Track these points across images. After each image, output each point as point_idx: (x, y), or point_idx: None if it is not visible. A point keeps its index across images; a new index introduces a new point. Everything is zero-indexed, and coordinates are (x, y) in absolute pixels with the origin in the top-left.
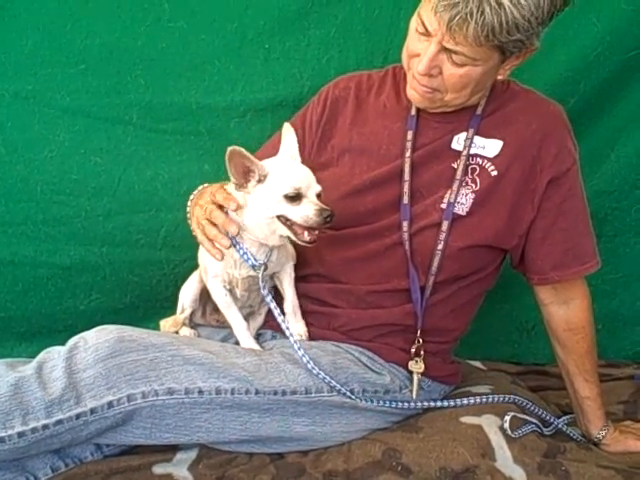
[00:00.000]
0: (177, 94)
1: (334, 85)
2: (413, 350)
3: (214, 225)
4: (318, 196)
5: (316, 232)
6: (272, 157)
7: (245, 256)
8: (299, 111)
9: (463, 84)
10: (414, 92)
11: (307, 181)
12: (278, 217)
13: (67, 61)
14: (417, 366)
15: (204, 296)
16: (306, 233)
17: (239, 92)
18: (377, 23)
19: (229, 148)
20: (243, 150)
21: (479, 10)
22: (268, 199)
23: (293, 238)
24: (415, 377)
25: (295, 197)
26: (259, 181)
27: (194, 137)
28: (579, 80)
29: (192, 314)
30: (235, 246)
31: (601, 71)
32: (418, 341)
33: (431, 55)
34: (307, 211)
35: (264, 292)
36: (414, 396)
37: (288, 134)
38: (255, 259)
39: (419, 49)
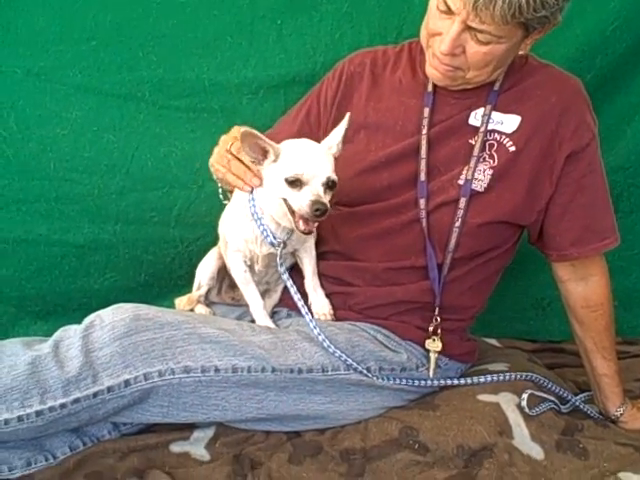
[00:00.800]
0: (189, 71)
1: (349, 61)
2: (431, 329)
3: (241, 162)
4: (328, 185)
5: (311, 223)
6: (298, 138)
7: (265, 233)
8: (314, 87)
9: (486, 62)
10: (435, 71)
11: (312, 168)
12: (283, 200)
13: (78, 38)
14: (434, 345)
15: (221, 274)
16: (301, 222)
17: (251, 69)
18: None
19: (240, 130)
20: (254, 131)
21: None
22: (275, 179)
23: (292, 225)
24: (432, 356)
25: (295, 182)
26: (274, 160)
27: (207, 114)
28: (595, 55)
29: (208, 292)
30: (256, 222)
31: (617, 46)
32: (436, 319)
33: (454, 34)
34: (302, 200)
35: (281, 270)
36: (431, 375)
37: (343, 122)
38: (274, 237)
39: (440, 28)
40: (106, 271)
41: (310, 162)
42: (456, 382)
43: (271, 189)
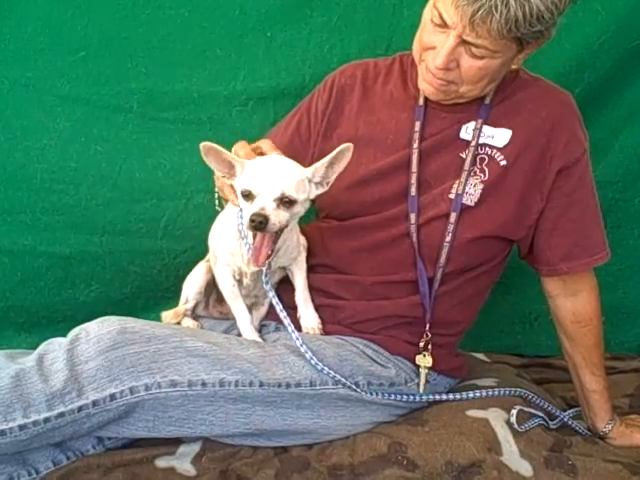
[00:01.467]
0: (178, 82)
1: (340, 73)
2: (421, 344)
3: None
4: (282, 201)
5: (262, 258)
6: (288, 149)
7: (250, 252)
8: (304, 98)
9: (481, 76)
10: (428, 85)
11: (264, 182)
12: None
13: (67, 48)
14: (425, 360)
15: (209, 288)
16: (252, 257)
17: (241, 80)
18: (380, 11)
19: (201, 145)
20: (216, 146)
21: (503, 2)
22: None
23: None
24: (423, 371)
25: (248, 195)
26: (240, 174)
27: (195, 126)
28: (584, 69)
29: (195, 306)
30: (243, 239)
31: (606, 60)
32: (426, 335)
33: (449, 49)
34: (248, 212)
35: (267, 287)
36: (421, 390)
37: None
38: None
39: (434, 41)
40: (92, 283)
41: (264, 176)
42: (445, 397)
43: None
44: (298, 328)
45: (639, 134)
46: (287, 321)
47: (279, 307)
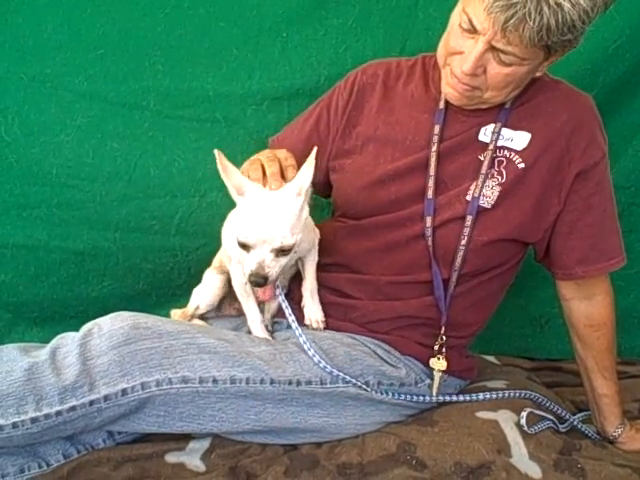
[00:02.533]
0: (194, 81)
1: (362, 71)
2: (436, 347)
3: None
4: (282, 250)
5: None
6: (258, 190)
7: None
8: (323, 95)
9: (507, 83)
10: (453, 90)
11: (261, 236)
12: None
13: (85, 46)
14: (439, 364)
15: (221, 297)
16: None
17: (256, 80)
18: (395, 13)
19: (218, 163)
20: (229, 165)
21: (537, 10)
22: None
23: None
24: (437, 375)
25: (244, 245)
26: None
27: (210, 124)
28: (598, 73)
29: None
30: None
31: (620, 65)
32: (441, 338)
33: (478, 54)
34: (247, 265)
35: (276, 291)
36: (434, 394)
37: (309, 161)
38: None
39: (462, 46)
40: (104, 279)
41: (259, 228)
42: (455, 398)
43: None
44: (301, 317)
45: None
46: (295, 325)
47: (288, 311)
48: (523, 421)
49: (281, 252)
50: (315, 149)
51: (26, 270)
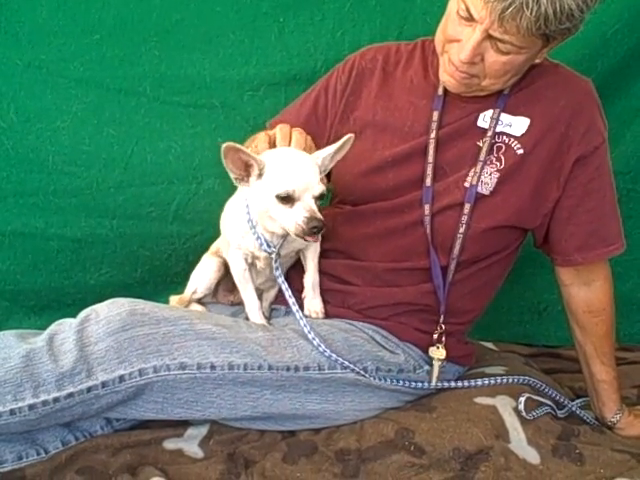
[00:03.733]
0: (191, 67)
1: (361, 55)
2: (435, 336)
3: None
4: (319, 198)
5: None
6: (278, 148)
7: (259, 241)
8: (321, 78)
9: (505, 71)
10: (450, 78)
11: (304, 183)
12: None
13: (81, 31)
14: (439, 352)
15: (218, 281)
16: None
17: (253, 65)
18: None
19: (223, 145)
20: (237, 145)
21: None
22: (263, 196)
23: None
24: (436, 364)
25: (287, 199)
26: (259, 175)
27: (207, 110)
28: (596, 58)
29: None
30: (251, 229)
31: (619, 49)
32: (440, 327)
33: (475, 43)
34: (296, 217)
35: (276, 273)
36: (433, 382)
37: (342, 140)
38: (268, 245)
39: (459, 34)
40: (102, 266)
41: (300, 175)
42: (453, 385)
43: (259, 206)
44: (302, 308)
45: None
46: (295, 307)
47: (288, 293)
48: (521, 407)
49: (318, 200)
50: (350, 137)
51: (23, 258)
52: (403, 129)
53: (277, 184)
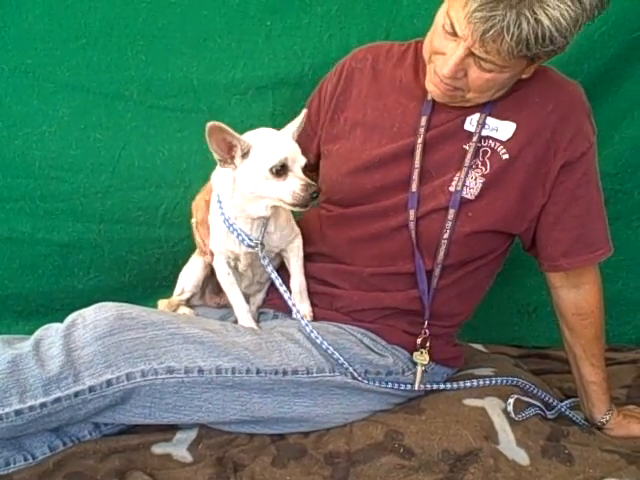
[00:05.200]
0: (178, 70)
1: (352, 56)
2: (419, 341)
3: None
4: (303, 169)
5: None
6: (255, 130)
7: (240, 237)
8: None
9: (488, 87)
10: (435, 88)
11: (293, 153)
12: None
13: (67, 36)
14: (422, 357)
15: (205, 281)
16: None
17: (240, 69)
18: (379, 1)
19: (208, 124)
20: (222, 125)
21: (516, 25)
22: (254, 174)
23: (285, 206)
24: (419, 368)
25: (281, 171)
26: (243, 156)
27: (195, 114)
28: (583, 61)
29: (190, 297)
30: (229, 228)
31: (605, 51)
32: (424, 332)
33: (457, 59)
34: (293, 186)
35: (264, 262)
36: (416, 386)
37: (300, 116)
38: (250, 238)
39: (444, 47)
40: (90, 271)
41: (288, 147)
42: (442, 387)
43: (249, 187)
44: (289, 313)
45: (639, 126)
46: (287, 295)
47: (278, 281)
48: (510, 408)
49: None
50: (304, 112)
51: (11, 263)
52: (392, 130)
53: (269, 157)
